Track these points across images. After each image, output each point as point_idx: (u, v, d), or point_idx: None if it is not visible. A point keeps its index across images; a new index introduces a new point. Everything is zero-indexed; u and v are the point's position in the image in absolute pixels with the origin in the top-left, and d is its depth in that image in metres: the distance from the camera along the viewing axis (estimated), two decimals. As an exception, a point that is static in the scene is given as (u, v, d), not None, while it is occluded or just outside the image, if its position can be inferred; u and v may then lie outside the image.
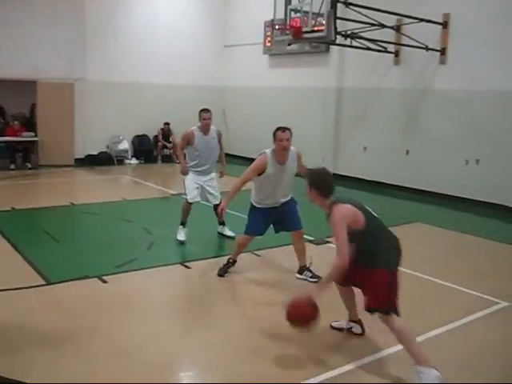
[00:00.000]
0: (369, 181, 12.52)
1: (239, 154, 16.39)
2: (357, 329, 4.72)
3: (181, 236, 7.48)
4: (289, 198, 6.25)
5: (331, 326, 4.80)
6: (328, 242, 7.60)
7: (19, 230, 7.95)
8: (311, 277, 6.06)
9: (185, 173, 7.68)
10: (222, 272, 6.12)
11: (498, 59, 10.10)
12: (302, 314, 4.06)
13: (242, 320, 5.03)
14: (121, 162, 14.97)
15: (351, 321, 4.75)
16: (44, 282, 5.72)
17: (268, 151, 5.81)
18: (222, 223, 7.91)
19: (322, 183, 4.39)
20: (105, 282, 5.76)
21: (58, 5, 13.54)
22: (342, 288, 4.58)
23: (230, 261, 6.21)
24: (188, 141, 7.65)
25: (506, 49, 9.97)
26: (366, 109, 12.70)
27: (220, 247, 7.25)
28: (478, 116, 10.48)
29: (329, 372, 4.04)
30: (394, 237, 4.31)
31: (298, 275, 6.19)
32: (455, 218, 9.76)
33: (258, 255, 6.94)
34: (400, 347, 4.18)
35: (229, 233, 7.84)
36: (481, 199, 10.44)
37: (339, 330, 4.78)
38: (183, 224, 7.59)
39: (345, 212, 4.05)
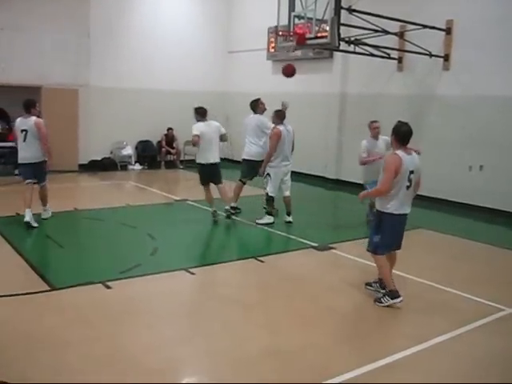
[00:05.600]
0: (372, 187, 12.50)
1: (243, 160, 16.43)
2: None
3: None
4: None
5: None
6: (332, 248, 7.61)
7: (23, 235, 7.97)
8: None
9: None
10: None
11: (501, 65, 10.10)
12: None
13: (245, 326, 5.04)
14: (124, 167, 15.00)
15: None
16: (48, 288, 5.72)
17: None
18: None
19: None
20: (109, 287, 5.76)
21: (63, 11, 13.59)
22: None
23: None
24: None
25: (509, 54, 9.97)
26: (369, 115, 12.62)
27: (225, 253, 7.26)
28: (481, 122, 10.47)
29: (331, 379, 4.03)
30: None
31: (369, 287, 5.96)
32: (458, 225, 9.74)
33: (262, 261, 6.94)
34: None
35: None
36: (484, 205, 10.42)
37: None
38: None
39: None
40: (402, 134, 5.40)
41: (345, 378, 4.04)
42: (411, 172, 5.36)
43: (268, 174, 8.78)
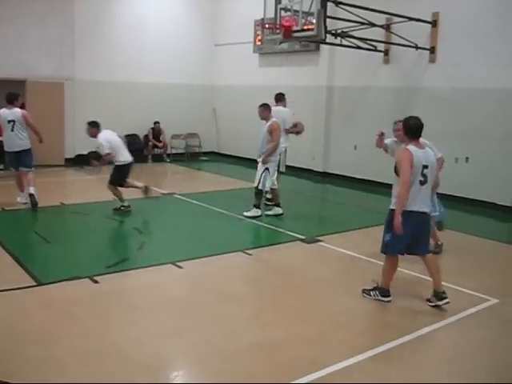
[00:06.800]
0: (359, 179, 12.57)
1: (230, 153, 16.43)
2: None
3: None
4: None
5: None
6: (319, 240, 7.63)
7: (9, 230, 7.91)
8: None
9: None
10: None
11: (486, 57, 10.16)
12: None
13: (234, 319, 5.04)
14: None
15: None
16: (35, 283, 5.69)
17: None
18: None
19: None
20: (96, 282, 5.74)
21: (47, 3, 13.45)
22: None
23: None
24: None
25: (494, 47, 10.03)
26: (356, 107, 12.74)
27: (213, 247, 7.24)
28: (467, 114, 10.54)
29: (319, 371, 4.04)
30: None
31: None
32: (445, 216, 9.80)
33: (250, 254, 6.95)
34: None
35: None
36: (470, 197, 10.50)
37: None
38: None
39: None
40: (413, 128, 5.31)
41: (333, 370, 4.06)
42: (425, 167, 5.15)
43: (267, 168, 8.73)
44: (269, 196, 9.39)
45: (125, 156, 9.12)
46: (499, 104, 10.04)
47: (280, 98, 10.06)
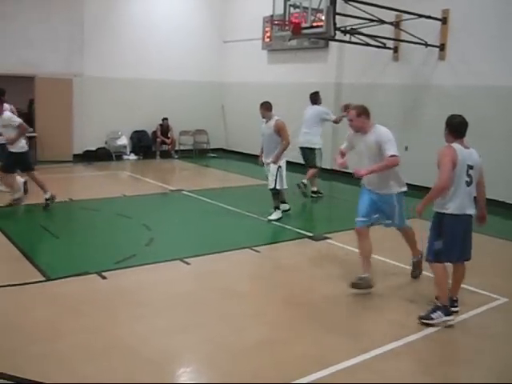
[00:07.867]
0: (367, 177, 12.51)
1: (238, 150, 16.42)
2: None
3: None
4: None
5: None
6: (327, 238, 7.62)
7: (18, 226, 7.95)
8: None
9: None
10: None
11: (496, 55, 10.08)
12: None
13: (240, 316, 5.05)
14: (119, 157, 14.96)
15: None
16: (43, 278, 5.72)
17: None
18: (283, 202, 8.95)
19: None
20: (104, 278, 5.76)
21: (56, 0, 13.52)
22: None
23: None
24: None
25: (504, 44, 9.95)
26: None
27: (220, 243, 7.25)
28: (476, 112, 10.41)
29: (324, 370, 4.03)
30: None
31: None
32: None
33: (258, 251, 6.95)
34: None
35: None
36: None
37: None
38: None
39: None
40: (457, 127, 5.06)
41: (339, 368, 4.05)
42: (470, 167, 4.92)
43: (280, 166, 8.53)
44: None
45: (22, 143, 8.70)
46: (509, 102, 9.97)
47: (314, 98, 10.65)
